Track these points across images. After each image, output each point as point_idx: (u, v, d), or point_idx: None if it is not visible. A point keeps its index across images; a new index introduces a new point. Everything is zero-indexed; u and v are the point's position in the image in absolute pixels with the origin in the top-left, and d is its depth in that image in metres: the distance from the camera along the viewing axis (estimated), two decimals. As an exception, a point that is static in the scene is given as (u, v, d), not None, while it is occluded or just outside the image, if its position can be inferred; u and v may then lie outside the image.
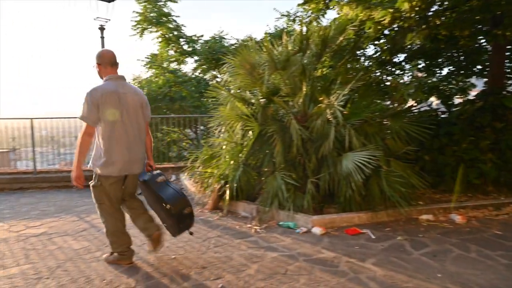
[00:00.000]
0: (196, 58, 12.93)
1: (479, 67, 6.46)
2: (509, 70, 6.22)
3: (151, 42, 13.50)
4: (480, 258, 3.16)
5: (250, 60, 4.92)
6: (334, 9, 6.30)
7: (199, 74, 13.29)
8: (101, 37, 6.44)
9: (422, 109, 5.70)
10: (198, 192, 5.33)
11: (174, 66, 13.22)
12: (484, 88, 5.89)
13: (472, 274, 2.86)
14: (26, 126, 6.80)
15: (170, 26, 12.69)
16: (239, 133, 4.84)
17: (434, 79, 6.64)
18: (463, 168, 4.77)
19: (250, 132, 4.77)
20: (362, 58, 6.42)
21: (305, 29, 4.82)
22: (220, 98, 5.25)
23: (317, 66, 5.11)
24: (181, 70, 13.02)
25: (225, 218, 4.50)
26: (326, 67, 5.72)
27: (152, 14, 12.35)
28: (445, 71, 6.70)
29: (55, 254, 3.41)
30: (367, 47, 6.23)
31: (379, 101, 5.75)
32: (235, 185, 4.55)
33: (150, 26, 12.57)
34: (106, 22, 6.31)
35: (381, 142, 4.51)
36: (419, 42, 4.80)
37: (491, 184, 5.00)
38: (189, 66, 20.59)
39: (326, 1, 5.66)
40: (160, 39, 13.01)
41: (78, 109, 2.85)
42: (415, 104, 5.73)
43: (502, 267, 2.98)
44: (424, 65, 6.42)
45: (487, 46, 5.88)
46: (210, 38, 12.91)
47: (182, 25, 12.97)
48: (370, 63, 6.29)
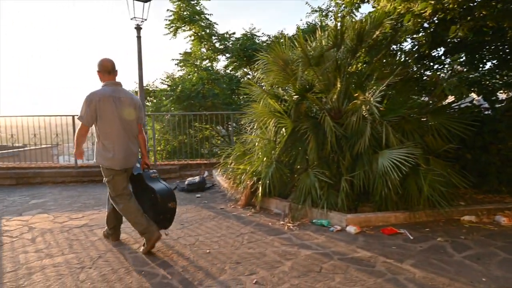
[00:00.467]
0: (227, 55, 13.05)
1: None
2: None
3: (184, 41, 13.74)
4: (529, 263, 2.98)
5: (283, 56, 4.88)
6: (369, 2, 6.14)
7: (231, 71, 13.40)
8: (137, 36, 6.62)
9: (463, 105, 5.44)
10: (230, 188, 5.38)
11: (206, 64, 13.41)
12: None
13: (520, 279, 2.70)
14: (68, 123, 7.15)
15: (203, 24, 12.88)
16: (272, 130, 4.83)
17: (476, 74, 6.30)
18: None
19: (283, 129, 4.74)
20: (399, 53, 6.20)
21: (339, 23, 4.71)
22: (253, 95, 5.26)
23: (351, 61, 5.00)
24: (213, 68, 13.19)
25: (257, 215, 4.52)
26: (361, 63, 5.58)
27: (185, 13, 12.58)
28: (488, 65, 6.34)
29: (96, 245, 3.56)
30: (404, 41, 6.01)
31: (417, 97, 5.55)
32: (268, 182, 4.55)
33: (183, 25, 12.81)
34: (142, 21, 6.47)
35: (419, 139, 4.35)
36: (462, 35, 4.55)
37: (541, 185, 4.70)
38: (220, 63, 20.84)
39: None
40: (192, 38, 13.24)
41: (78, 109, 3.24)
42: (455, 100, 5.46)
43: (555, 274, 2.80)
44: (465, 59, 6.10)
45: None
46: (241, 36, 12.97)
47: (215, 23, 13.13)
48: (407, 58, 6.06)
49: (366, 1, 6.15)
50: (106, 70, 3.29)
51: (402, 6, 4.64)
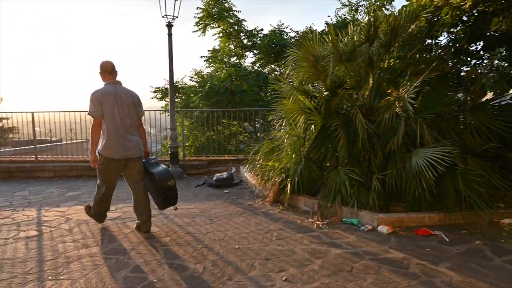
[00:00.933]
0: (255, 52, 13.05)
1: None
2: None
3: (208, 40, 13.85)
4: None
5: (314, 52, 4.81)
6: (404, -5, 5.92)
7: (258, 68, 13.39)
8: (168, 34, 6.72)
9: (503, 102, 5.15)
10: (258, 184, 5.38)
11: (234, 60, 13.47)
12: None
13: None
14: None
15: (231, 21, 12.93)
16: (302, 126, 4.77)
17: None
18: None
19: (313, 126, 4.68)
20: (434, 47, 5.96)
21: (373, 17, 4.58)
22: (282, 91, 5.22)
23: (384, 57, 4.85)
24: (241, 64, 13.23)
25: (286, 212, 4.49)
26: (394, 58, 5.40)
27: (214, 10, 12.67)
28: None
29: (129, 237, 3.66)
30: (440, 36, 5.77)
31: (453, 93, 5.31)
32: (297, 179, 4.52)
33: (212, 22, 12.91)
34: (174, 19, 6.56)
35: (456, 137, 4.17)
36: (504, 28, 4.30)
37: None
38: (248, 60, 20.87)
39: (396, -13, 5.33)
40: (221, 34, 13.33)
41: (87, 107, 3.60)
42: (494, 96, 5.19)
43: None
44: (506, 53, 5.78)
45: None
46: (269, 32, 12.93)
47: (243, 19, 13.15)
48: (443, 53, 5.81)
49: (399, -6, 5.95)
50: (107, 71, 3.64)
51: (439, -1, 4.45)
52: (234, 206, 4.79)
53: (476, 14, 4.94)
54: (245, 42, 13.21)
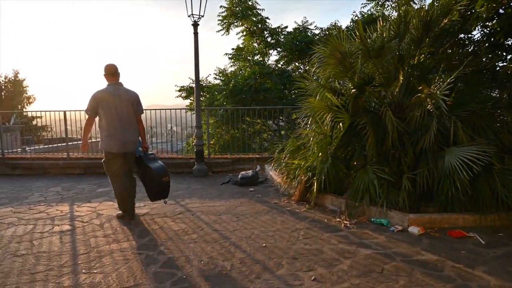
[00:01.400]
0: (279, 49, 12.99)
1: None
2: None
3: (235, 36, 13.87)
4: None
5: (341, 49, 4.72)
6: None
7: (282, 66, 13.33)
8: (194, 33, 6.78)
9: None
10: (283, 183, 5.36)
11: (257, 58, 13.46)
12: None
13: None
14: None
15: (255, 19, 12.93)
16: (329, 124, 4.70)
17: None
18: None
19: (340, 124, 4.60)
20: (467, 42, 5.72)
21: (403, 12, 4.44)
22: (308, 89, 5.16)
23: (415, 53, 4.70)
24: (265, 62, 13.21)
25: (312, 210, 4.45)
26: (425, 54, 5.23)
27: (237, 9, 12.71)
28: None
29: (158, 233, 3.73)
30: (474, 29, 5.53)
31: (488, 90, 5.09)
32: (323, 177, 4.45)
33: (236, 21, 12.95)
34: (199, 18, 6.61)
35: (493, 136, 3.99)
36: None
37: None
38: (271, 58, 20.79)
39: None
40: (244, 33, 13.35)
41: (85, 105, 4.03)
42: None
43: None
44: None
45: None
46: (293, 30, 12.84)
47: (267, 17, 13.12)
48: (476, 48, 5.57)
49: (431, -13, 5.75)
50: (110, 73, 4.04)
51: (474, -9, 4.27)
52: (259, 204, 4.79)
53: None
54: (268, 40, 13.18)
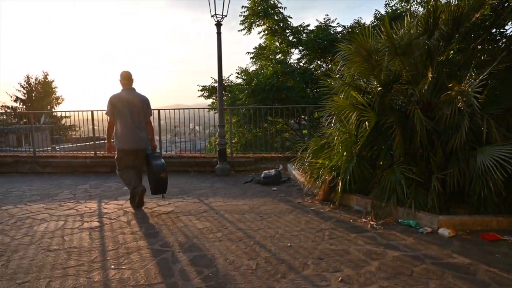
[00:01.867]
0: (301, 48, 12.89)
1: None
2: None
3: (257, 35, 13.85)
4: None
5: (366, 46, 4.62)
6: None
7: (304, 64, 13.22)
8: (217, 32, 6.81)
9: None
10: (307, 182, 5.31)
11: (279, 57, 13.41)
12: None
13: None
14: (154, 118, 7.68)
15: (276, 18, 12.88)
16: (354, 123, 4.61)
17: None
18: None
19: (366, 122, 4.51)
20: (500, 38, 5.48)
21: (432, 7, 4.30)
22: (332, 87, 5.09)
23: (444, 49, 4.55)
24: (287, 61, 13.14)
25: (336, 210, 4.39)
26: (454, 50, 5.05)
27: (259, 8, 12.69)
28: None
29: (183, 231, 3.77)
30: (507, 24, 5.29)
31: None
32: (348, 177, 4.38)
33: (257, 20, 12.94)
34: (223, 18, 6.64)
35: (529, 135, 3.81)
36: None
37: None
38: (293, 57, 20.69)
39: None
40: (266, 32, 13.32)
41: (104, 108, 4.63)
42: None
43: None
44: None
45: None
46: (315, 28, 12.71)
47: (288, 16, 13.04)
48: (510, 43, 5.33)
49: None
50: (124, 78, 4.58)
51: (508, -16, 4.08)
52: (283, 204, 4.76)
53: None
54: (290, 38, 13.09)
